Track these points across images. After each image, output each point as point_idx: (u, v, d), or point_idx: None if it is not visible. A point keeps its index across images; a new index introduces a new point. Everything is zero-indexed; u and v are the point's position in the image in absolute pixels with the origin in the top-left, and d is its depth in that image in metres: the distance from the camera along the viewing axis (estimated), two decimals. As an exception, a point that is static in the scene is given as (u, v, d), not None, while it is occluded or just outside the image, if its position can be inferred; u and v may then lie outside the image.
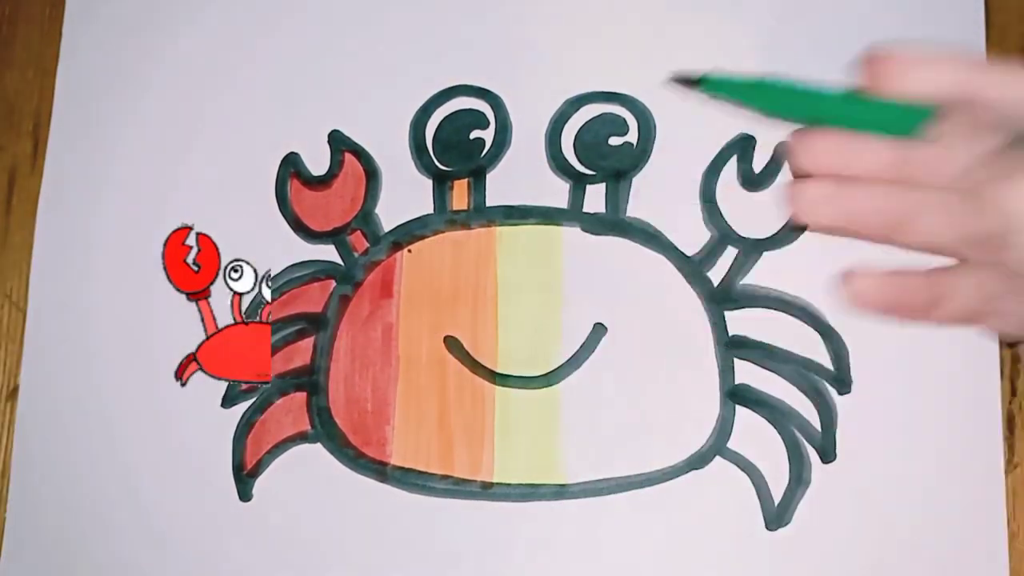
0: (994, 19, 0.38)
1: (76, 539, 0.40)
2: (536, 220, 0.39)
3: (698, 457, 0.37)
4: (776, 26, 0.39)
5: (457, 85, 0.41)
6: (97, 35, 0.43)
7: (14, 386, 0.41)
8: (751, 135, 0.39)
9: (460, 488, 0.38)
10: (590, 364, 0.38)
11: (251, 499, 0.39)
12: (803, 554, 0.36)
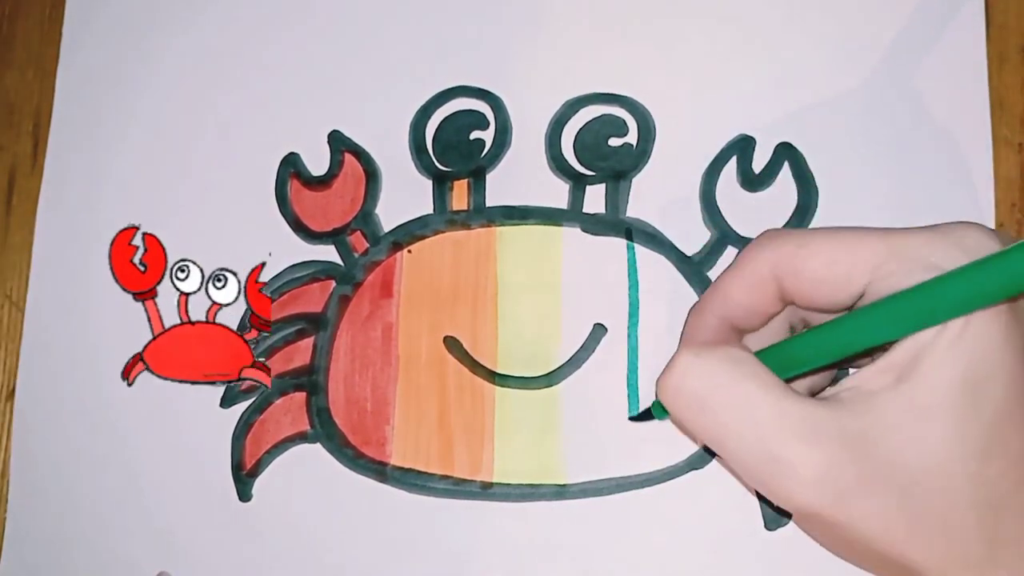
0: (994, 19, 0.38)
1: (76, 539, 0.40)
2: (536, 220, 0.39)
3: (698, 457, 0.37)
4: (776, 26, 0.39)
5: (457, 86, 0.41)
6: (97, 35, 0.43)
7: (14, 386, 0.41)
8: (751, 136, 0.39)
9: (460, 488, 0.38)
10: (590, 364, 0.38)
11: (251, 499, 0.39)
12: (802, 554, 0.36)
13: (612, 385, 0.38)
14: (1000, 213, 0.37)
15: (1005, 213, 0.37)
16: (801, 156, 0.38)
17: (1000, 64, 0.38)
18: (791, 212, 0.38)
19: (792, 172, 0.38)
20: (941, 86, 0.38)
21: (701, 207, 0.39)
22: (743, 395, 0.27)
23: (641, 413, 0.37)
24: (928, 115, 0.38)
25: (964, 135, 0.37)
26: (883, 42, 0.39)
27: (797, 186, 0.38)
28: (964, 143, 0.37)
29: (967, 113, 0.38)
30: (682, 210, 0.39)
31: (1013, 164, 0.37)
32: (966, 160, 0.37)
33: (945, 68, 0.38)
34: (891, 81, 0.38)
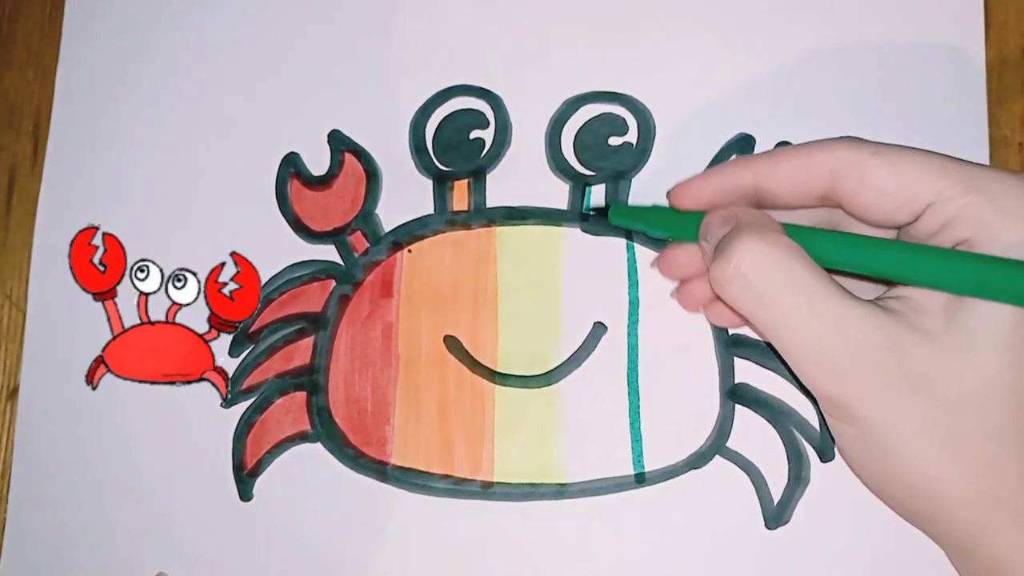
0: (994, 19, 0.38)
1: (76, 539, 0.40)
2: (536, 220, 0.39)
3: (698, 456, 0.37)
4: (775, 26, 0.39)
5: (457, 85, 0.41)
6: (97, 35, 0.43)
7: (14, 386, 0.41)
8: (750, 135, 0.39)
9: (460, 488, 0.38)
10: (590, 363, 0.38)
11: (251, 499, 0.39)
12: (802, 553, 0.36)
13: (612, 384, 0.38)
14: (1000, 213, 0.37)
15: (1005, 212, 0.37)
16: (801, 156, 0.38)
17: (1000, 64, 0.38)
18: (791, 212, 0.38)
19: (792, 172, 0.38)
20: (941, 86, 0.38)
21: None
22: (806, 289, 0.27)
23: (596, 209, 0.37)
24: (928, 115, 0.38)
25: (964, 135, 0.37)
26: (883, 42, 0.39)
27: (797, 186, 0.38)
28: (964, 143, 0.37)
29: (967, 113, 0.38)
30: (682, 210, 0.39)
31: (1013, 164, 0.37)
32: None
33: (945, 68, 0.38)
34: (891, 81, 0.38)
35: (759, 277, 0.28)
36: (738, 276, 0.28)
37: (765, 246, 0.28)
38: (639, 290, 0.38)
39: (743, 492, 0.37)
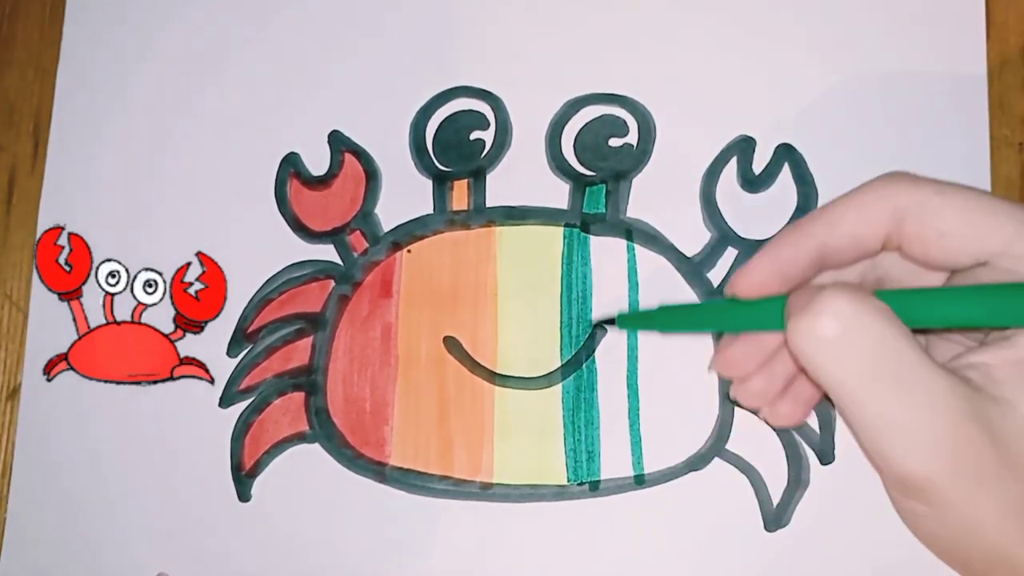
0: (994, 19, 0.38)
1: (76, 539, 0.40)
2: (536, 221, 0.39)
3: (697, 458, 0.37)
4: (776, 26, 0.39)
5: (457, 86, 0.41)
6: (97, 35, 0.43)
7: (14, 386, 0.41)
8: (751, 137, 0.39)
9: (459, 489, 0.38)
10: (590, 364, 0.38)
11: (250, 499, 0.39)
12: (802, 555, 0.36)
13: (612, 386, 0.38)
14: (1000, 213, 0.37)
15: (1005, 213, 0.37)
16: (801, 157, 0.38)
17: (1000, 64, 0.38)
18: (791, 213, 0.38)
19: (792, 173, 0.38)
20: (941, 86, 0.38)
21: (701, 208, 0.38)
22: (897, 356, 0.26)
23: (605, 321, 0.36)
24: (928, 115, 0.38)
25: (964, 135, 0.37)
26: (883, 43, 0.39)
27: (797, 187, 0.38)
28: (964, 143, 0.37)
29: (967, 113, 0.37)
30: (682, 211, 0.39)
31: (1013, 164, 0.37)
32: (965, 160, 0.37)
33: (945, 68, 0.38)
34: (891, 82, 0.38)
35: (846, 337, 0.26)
36: (822, 333, 0.26)
37: (856, 303, 0.26)
38: (639, 292, 0.38)
39: (742, 494, 0.37)
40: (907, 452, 0.26)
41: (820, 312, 0.26)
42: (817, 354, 0.27)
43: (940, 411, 0.26)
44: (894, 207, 0.29)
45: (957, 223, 0.28)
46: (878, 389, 0.26)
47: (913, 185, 0.28)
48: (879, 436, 0.27)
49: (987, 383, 0.27)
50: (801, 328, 0.27)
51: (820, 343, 0.26)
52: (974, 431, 0.26)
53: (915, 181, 0.28)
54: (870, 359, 0.26)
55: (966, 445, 0.26)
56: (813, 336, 0.26)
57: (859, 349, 0.26)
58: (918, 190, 0.28)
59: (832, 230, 0.30)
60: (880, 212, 0.29)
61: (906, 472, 0.26)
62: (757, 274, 0.30)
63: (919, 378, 0.26)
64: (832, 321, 0.26)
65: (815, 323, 0.26)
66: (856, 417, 0.27)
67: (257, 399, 0.39)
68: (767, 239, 0.38)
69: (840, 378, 0.26)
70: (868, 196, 0.29)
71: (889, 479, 0.28)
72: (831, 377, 0.27)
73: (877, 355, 0.26)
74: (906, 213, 0.28)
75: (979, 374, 0.27)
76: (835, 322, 0.26)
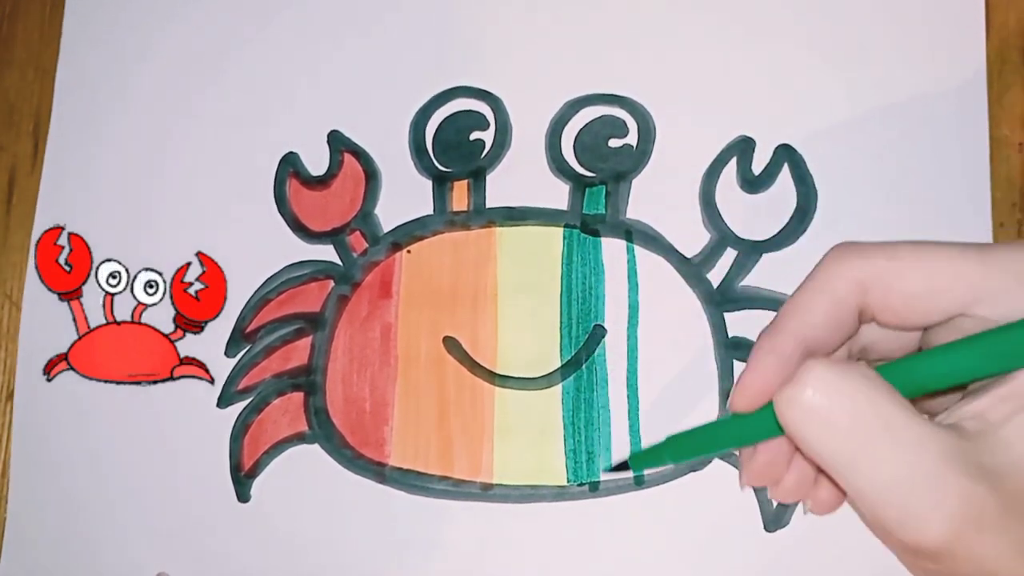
0: (994, 19, 0.38)
1: (76, 539, 0.40)
2: (536, 221, 0.39)
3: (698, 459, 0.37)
4: (776, 26, 0.39)
5: (457, 86, 0.41)
6: (97, 35, 0.43)
7: (14, 386, 0.41)
8: (751, 137, 0.39)
9: (459, 489, 0.38)
10: (590, 364, 0.38)
11: (249, 500, 0.39)
12: (801, 555, 0.36)
13: (612, 387, 0.38)
14: (1000, 213, 0.37)
15: (1005, 213, 0.37)
16: (801, 158, 0.38)
17: (1000, 64, 0.38)
18: (791, 214, 0.38)
19: (791, 173, 0.38)
20: (941, 86, 0.38)
21: (701, 208, 0.38)
22: (884, 418, 0.25)
23: (617, 466, 0.36)
24: (928, 115, 0.38)
25: (963, 135, 0.37)
26: (883, 43, 0.39)
27: (796, 187, 0.38)
28: (963, 143, 0.37)
29: (967, 113, 0.37)
30: (682, 212, 0.39)
31: (1013, 164, 0.37)
32: (965, 160, 0.37)
33: (945, 68, 0.38)
34: (891, 82, 0.38)
35: (830, 403, 0.26)
36: (807, 404, 0.26)
37: (835, 369, 0.26)
38: (639, 292, 0.38)
39: (742, 495, 0.37)
40: (906, 517, 0.26)
41: (802, 384, 0.26)
42: (804, 425, 0.26)
43: (936, 465, 0.25)
44: (854, 285, 0.28)
45: (919, 284, 0.27)
46: (869, 453, 0.26)
47: (862, 258, 0.28)
48: (876, 505, 0.26)
49: (983, 427, 0.26)
50: (785, 401, 0.26)
51: (805, 413, 0.26)
52: (973, 481, 0.25)
53: (862, 252, 0.28)
54: (856, 423, 0.26)
55: (968, 499, 0.25)
56: (798, 408, 0.26)
57: (844, 414, 0.26)
58: (868, 262, 0.28)
59: (804, 325, 0.29)
60: (843, 296, 0.29)
61: (910, 541, 0.26)
62: (751, 387, 0.30)
63: (910, 436, 0.25)
64: (813, 390, 0.26)
65: (799, 395, 0.26)
66: (852, 487, 0.26)
67: (256, 399, 0.39)
68: (767, 240, 0.38)
69: (830, 447, 0.26)
70: (828, 284, 0.29)
71: (896, 547, 0.27)
72: (821, 447, 0.26)
73: (863, 418, 0.26)
74: (867, 286, 0.28)
75: (976, 423, 0.26)
76: (816, 391, 0.26)
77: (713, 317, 0.38)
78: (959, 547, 0.26)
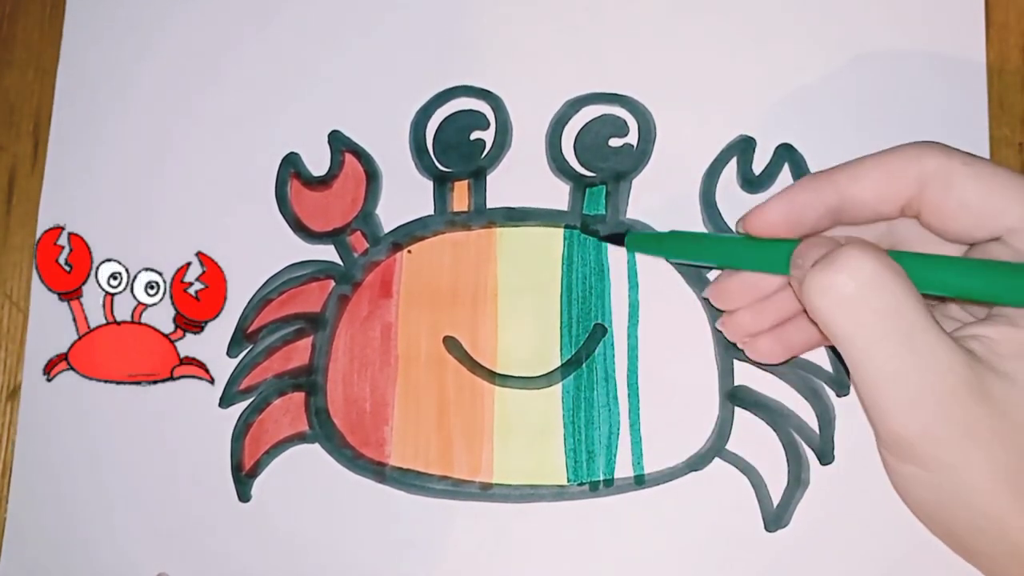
0: (994, 19, 0.38)
1: (76, 539, 0.40)
2: (536, 221, 0.39)
3: (697, 458, 0.37)
4: (776, 26, 0.39)
5: (457, 86, 0.41)
6: (97, 35, 0.43)
7: (14, 386, 0.41)
8: (751, 137, 0.39)
9: (459, 489, 0.38)
10: (590, 364, 0.38)
11: (250, 500, 0.39)
12: (802, 555, 0.36)
13: (612, 386, 0.38)
14: (1000, 214, 0.37)
15: (1005, 214, 0.37)
16: (801, 157, 0.38)
17: (1000, 64, 0.38)
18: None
19: (792, 173, 0.38)
20: (941, 86, 0.38)
21: (701, 208, 0.39)
22: (908, 322, 0.26)
23: (612, 236, 0.36)
24: (928, 115, 0.38)
25: (964, 135, 0.37)
26: (883, 42, 0.39)
27: (797, 187, 0.38)
28: (964, 143, 0.37)
29: (967, 113, 0.38)
30: (682, 211, 0.39)
31: (1013, 164, 0.37)
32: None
33: (945, 68, 0.38)
34: (891, 82, 0.38)
35: (862, 295, 0.26)
36: (841, 290, 0.27)
37: (877, 264, 0.27)
38: (639, 292, 0.38)
39: (743, 494, 0.37)
40: (903, 408, 0.27)
41: (840, 269, 0.27)
42: (832, 309, 0.27)
43: (941, 373, 0.26)
44: (920, 171, 0.29)
45: (978, 195, 0.28)
46: (886, 347, 0.27)
47: (943, 153, 0.29)
48: (879, 391, 0.27)
49: (990, 356, 0.27)
50: (819, 282, 0.27)
51: (837, 299, 0.27)
52: (971, 395, 0.26)
53: (946, 150, 0.29)
54: (882, 319, 0.27)
55: (962, 407, 0.26)
56: (831, 291, 0.27)
57: (873, 308, 0.27)
58: (947, 158, 0.28)
59: (854, 183, 0.30)
60: (905, 174, 0.29)
61: (899, 429, 0.27)
62: (771, 214, 0.31)
63: (926, 341, 0.26)
64: (850, 279, 0.27)
65: (834, 279, 0.27)
66: (861, 371, 0.27)
67: (257, 399, 0.39)
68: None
69: (852, 332, 0.27)
70: (897, 157, 0.29)
71: (884, 438, 0.28)
72: (843, 331, 0.27)
73: (889, 315, 0.27)
74: (930, 179, 0.29)
75: (982, 346, 0.28)
76: (853, 280, 0.27)
77: (713, 317, 0.38)
78: (944, 451, 0.27)
